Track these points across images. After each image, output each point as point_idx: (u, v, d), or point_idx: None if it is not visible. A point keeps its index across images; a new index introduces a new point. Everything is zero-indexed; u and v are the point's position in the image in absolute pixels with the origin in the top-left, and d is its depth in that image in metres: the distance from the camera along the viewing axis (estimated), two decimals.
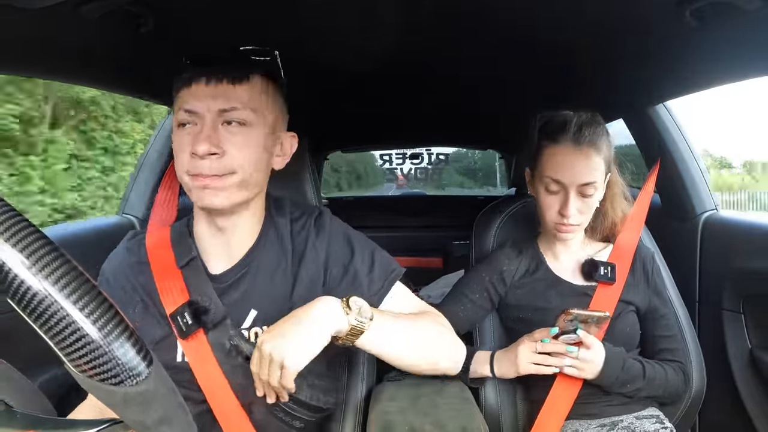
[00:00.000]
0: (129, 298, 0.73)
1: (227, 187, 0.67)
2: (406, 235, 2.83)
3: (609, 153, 0.93)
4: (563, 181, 0.90)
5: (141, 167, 1.32)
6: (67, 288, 0.27)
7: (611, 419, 0.92)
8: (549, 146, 0.93)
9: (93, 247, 1.17)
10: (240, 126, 0.67)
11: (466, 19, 0.82)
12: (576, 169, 0.89)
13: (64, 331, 0.27)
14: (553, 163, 0.91)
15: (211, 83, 0.67)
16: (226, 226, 0.73)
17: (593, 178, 0.90)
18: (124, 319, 0.29)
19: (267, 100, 0.71)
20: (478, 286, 1.02)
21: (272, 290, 0.74)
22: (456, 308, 1.01)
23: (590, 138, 0.90)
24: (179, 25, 0.77)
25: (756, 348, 1.07)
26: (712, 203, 1.25)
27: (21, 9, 0.57)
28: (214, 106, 0.66)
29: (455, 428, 0.70)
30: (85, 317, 0.27)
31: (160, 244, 0.76)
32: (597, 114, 0.94)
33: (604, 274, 0.96)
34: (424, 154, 2.94)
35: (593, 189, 0.90)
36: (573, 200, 0.90)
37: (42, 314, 0.27)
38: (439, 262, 2.77)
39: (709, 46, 0.84)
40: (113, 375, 0.29)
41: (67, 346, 0.27)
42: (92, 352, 0.28)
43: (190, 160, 0.66)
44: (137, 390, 0.30)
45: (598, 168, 0.90)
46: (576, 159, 0.90)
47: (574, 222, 0.92)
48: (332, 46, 0.93)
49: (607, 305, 0.94)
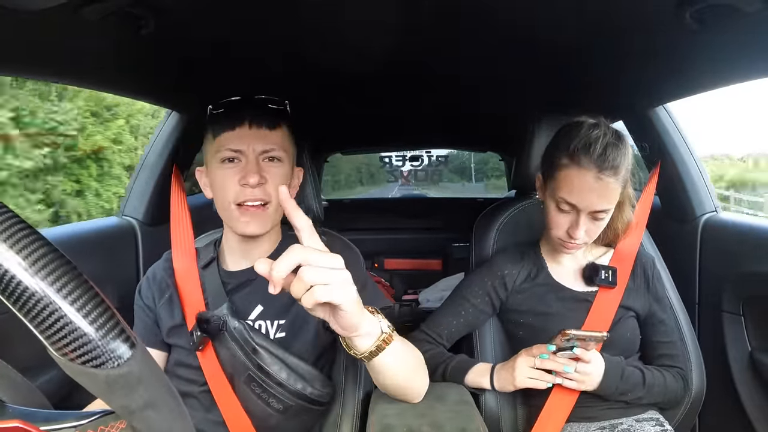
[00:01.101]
0: (162, 292, 0.90)
1: (267, 215, 0.82)
2: (406, 237, 2.83)
3: (627, 172, 0.89)
4: (578, 206, 0.87)
5: (141, 168, 1.31)
6: (45, 269, 0.27)
7: (611, 422, 0.92)
8: (567, 166, 0.87)
9: (93, 247, 1.18)
10: (276, 162, 0.83)
11: (466, 19, 0.82)
12: (593, 197, 0.85)
13: (42, 312, 0.27)
14: (569, 185, 0.87)
15: (253, 128, 0.81)
16: (251, 242, 0.87)
17: (609, 205, 0.87)
18: (104, 301, 0.29)
19: (290, 143, 0.87)
20: (480, 290, 1.01)
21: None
22: (457, 312, 1.01)
23: (613, 163, 0.84)
24: (180, 27, 0.77)
25: (756, 350, 1.07)
26: (712, 205, 1.25)
27: (21, 11, 0.57)
28: (257, 147, 0.81)
29: (453, 429, 0.70)
30: (62, 298, 0.27)
31: (184, 256, 0.92)
32: (621, 133, 0.88)
33: (605, 278, 0.96)
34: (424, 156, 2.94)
35: (606, 214, 0.88)
36: (583, 223, 0.88)
37: (19, 297, 0.26)
38: (438, 265, 2.77)
39: (709, 48, 0.84)
40: (94, 357, 0.28)
41: (47, 328, 0.27)
42: (71, 333, 0.27)
43: (240, 189, 0.80)
44: (119, 372, 0.29)
45: (615, 193, 0.87)
46: (594, 186, 0.85)
47: (581, 242, 0.90)
48: (332, 47, 0.93)
49: (608, 310, 0.94)
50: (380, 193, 8.38)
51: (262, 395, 0.79)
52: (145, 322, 0.89)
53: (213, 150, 0.83)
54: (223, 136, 0.81)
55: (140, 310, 0.91)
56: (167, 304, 0.88)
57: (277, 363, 0.79)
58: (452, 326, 1.01)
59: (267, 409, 0.80)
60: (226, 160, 0.81)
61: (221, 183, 0.81)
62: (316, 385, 0.81)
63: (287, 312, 0.85)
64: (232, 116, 0.82)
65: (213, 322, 0.81)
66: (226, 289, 0.87)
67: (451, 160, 5.99)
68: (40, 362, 0.98)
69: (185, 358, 0.85)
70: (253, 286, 0.87)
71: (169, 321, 0.87)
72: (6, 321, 0.71)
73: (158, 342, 0.88)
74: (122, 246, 1.24)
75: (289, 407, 0.80)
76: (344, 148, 2.97)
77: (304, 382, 0.80)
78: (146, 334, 0.89)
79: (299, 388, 0.80)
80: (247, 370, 0.79)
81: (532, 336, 0.96)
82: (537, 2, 0.75)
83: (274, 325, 0.85)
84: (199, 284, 0.88)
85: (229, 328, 0.80)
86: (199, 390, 0.84)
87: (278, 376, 0.79)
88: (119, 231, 1.25)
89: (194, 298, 0.87)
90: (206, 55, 0.92)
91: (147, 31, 0.73)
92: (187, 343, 0.85)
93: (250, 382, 0.79)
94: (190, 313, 0.86)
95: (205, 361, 0.83)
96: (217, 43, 0.86)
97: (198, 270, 0.90)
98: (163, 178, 1.27)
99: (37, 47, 0.75)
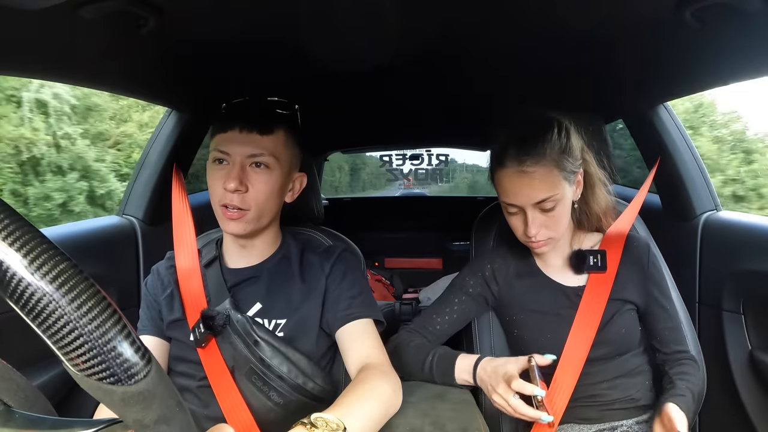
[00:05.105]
0: (164, 287, 0.91)
1: (245, 220, 0.83)
2: (406, 236, 2.84)
3: (571, 156, 0.87)
4: (517, 204, 0.87)
5: (141, 167, 1.31)
6: (65, 286, 0.27)
7: (611, 424, 0.92)
8: (496, 170, 0.89)
9: (93, 247, 1.18)
10: (263, 168, 0.83)
11: (467, 19, 0.82)
12: (524, 191, 0.85)
13: (62, 329, 0.27)
14: (501, 187, 0.89)
15: (243, 132, 0.82)
16: (246, 244, 0.90)
17: (547, 194, 0.85)
18: (121, 318, 0.29)
19: (286, 149, 0.86)
20: (469, 285, 1.01)
21: (277, 293, 0.89)
22: (446, 307, 1.00)
23: (534, 154, 0.84)
24: (179, 25, 0.77)
25: (756, 349, 1.07)
26: (712, 203, 1.25)
27: (20, 10, 0.57)
28: (244, 152, 0.82)
29: (455, 429, 0.70)
30: (82, 315, 0.27)
31: (187, 255, 0.94)
32: (549, 118, 0.88)
33: (593, 264, 0.94)
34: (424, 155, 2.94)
35: (552, 202, 0.86)
36: (534, 219, 0.87)
37: (40, 313, 0.27)
38: (438, 263, 2.78)
39: (709, 47, 0.84)
40: (111, 374, 0.29)
41: (66, 345, 0.27)
42: (90, 351, 0.28)
43: (223, 192, 0.81)
44: (135, 389, 0.30)
45: (551, 180, 0.85)
46: (521, 181, 0.85)
47: (542, 238, 0.89)
48: (333, 47, 0.93)
49: (599, 305, 0.92)
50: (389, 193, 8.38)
51: (263, 388, 0.80)
52: (151, 313, 0.91)
53: (210, 149, 0.85)
54: (217, 137, 0.84)
55: (147, 301, 0.92)
56: (168, 299, 0.90)
57: (278, 356, 0.80)
58: (444, 322, 0.99)
59: (267, 403, 0.80)
60: (216, 160, 0.84)
61: (211, 182, 0.84)
62: (317, 381, 0.82)
63: (287, 313, 0.86)
64: (225, 119, 0.84)
65: (218, 319, 0.82)
66: (226, 286, 0.88)
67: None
68: (40, 362, 0.99)
69: (184, 353, 0.86)
70: (253, 284, 0.89)
71: (169, 315, 0.88)
72: (6, 321, 0.71)
73: (163, 333, 0.89)
74: (123, 245, 1.24)
75: (290, 402, 0.80)
76: (344, 147, 2.96)
77: (305, 377, 0.81)
78: (152, 324, 0.90)
79: (300, 383, 0.80)
80: (248, 363, 0.80)
81: (527, 335, 0.96)
82: (538, 4, 0.75)
83: (272, 324, 0.86)
84: (202, 282, 0.89)
85: (232, 322, 0.82)
86: (197, 385, 0.85)
87: (279, 370, 0.80)
88: (120, 230, 1.25)
89: (196, 295, 0.88)
90: (206, 53, 0.91)
91: (146, 30, 0.73)
92: (186, 338, 0.86)
93: (251, 375, 0.80)
94: (191, 309, 0.86)
95: (206, 355, 0.83)
96: (217, 41, 0.86)
97: (200, 268, 0.91)
98: (164, 177, 1.27)
99: (36, 46, 0.75)
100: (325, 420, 0.61)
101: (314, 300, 0.87)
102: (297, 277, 0.89)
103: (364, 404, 0.68)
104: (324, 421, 0.61)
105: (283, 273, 0.90)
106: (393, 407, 0.74)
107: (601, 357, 0.92)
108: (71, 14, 0.64)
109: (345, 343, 0.85)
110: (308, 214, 1.08)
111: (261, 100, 0.87)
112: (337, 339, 0.86)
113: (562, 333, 0.92)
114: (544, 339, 0.94)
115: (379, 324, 0.89)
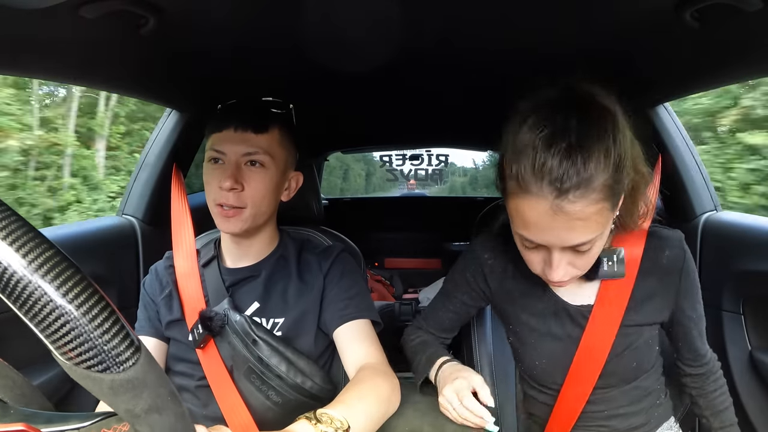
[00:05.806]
0: (163, 287, 0.91)
1: (241, 218, 0.83)
2: (406, 236, 2.84)
3: (624, 170, 0.61)
4: (542, 243, 0.65)
5: (141, 167, 1.31)
6: (51, 272, 0.27)
7: None
8: (516, 194, 0.62)
9: (93, 247, 1.18)
10: (259, 167, 0.83)
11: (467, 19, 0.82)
12: (557, 233, 0.61)
13: (48, 316, 0.27)
14: (522, 219, 0.63)
15: (238, 131, 0.82)
16: (242, 243, 0.91)
17: (588, 237, 0.62)
18: (109, 305, 0.29)
19: (281, 148, 0.86)
20: (462, 280, 0.91)
21: (274, 292, 0.89)
22: (446, 303, 0.93)
23: (579, 176, 0.57)
24: (179, 25, 0.77)
25: (756, 350, 1.07)
26: (712, 204, 1.25)
27: (20, 10, 0.57)
28: (239, 150, 0.82)
29: (454, 429, 0.70)
30: (68, 301, 0.27)
31: (185, 255, 0.93)
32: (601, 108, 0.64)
33: (608, 269, 0.74)
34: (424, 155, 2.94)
35: (590, 245, 0.64)
36: (561, 260, 0.66)
37: (26, 300, 0.26)
38: (438, 263, 2.78)
39: (709, 47, 0.84)
40: (99, 362, 0.29)
41: (53, 332, 0.27)
42: (77, 338, 0.28)
43: (218, 191, 0.82)
44: (124, 377, 0.29)
45: (598, 220, 0.61)
46: (555, 218, 0.59)
47: (567, 278, 0.69)
48: (333, 47, 0.93)
49: (609, 327, 0.77)
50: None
51: (261, 387, 0.80)
52: (149, 313, 0.91)
53: (206, 149, 0.86)
54: (212, 137, 0.85)
55: (145, 301, 0.92)
56: (167, 299, 0.90)
57: (277, 356, 0.80)
58: (444, 318, 0.93)
59: (266, 402, 0.80)
60: (212, 160, 0.84)
61: (207, 181, 0.85)
62: (315, 380, 0.82)
63: (284, 312, 0.87)
64: (220, 118, 0.85)
65: (216, 320, 0.82)
66: (224, 286, 0.89)
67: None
68: (40, 362, 0.98)
69: (183, 353, 0.86)
70: (251, 284, 0.89)
71: (167, 315, 0.88)
72: (5, 321, 0.71)
73: (161, 333, 0.89)
74: (122, 245, 1.24)
75: (288, 401, 0.80)
76: (344, 147, 2.96)
77: (303, 377, 0.81)
78: (150, 325, 0.90)
79: (298, 382, 0.80)
80: (247, 362, 0.80)
81: (521, 348, 0.87)
82: (538, 4, 0.75)
83: (270, 323, 0.86)
84: (200, 282, 0.89)
85: (231, 322, 0.82)
86: (195, 384, 0.85)
87: (278, 369, 0.80)
88: (119, 230, 1.25)
89: (195, 295, 0.88)
90: (206, 53, 0.91)
91: (147, 30, 0.73)
92: (185, 338, 0.86)
93: (249, 374, 0.81)
94: (190, 309, 0.87)
95: (205, 355, 0.83)
96: (216, 41, 0.86)
97: (199, 268, 0.91)
98: (163, 177, 1.27)
99: (36, 46, 0.75)
100: (330, 416, 0.61)
101: (312, 299, 0.87)
102: (294, 276, 0.89)
103: (364, 403, 0.68)
104: (329, 417, 0.61)
105: (280, 272, 0.90)
106: (392, 407, 0.75)
107: (602, 386, 0.82)
108: (71, 14, 0.64)
109: (343, 343, 0.85)
110: (308, 214, 1.08)
111: (255, 99, 0.88)
112: (335, 339, 0.86)
113: (561, 363, 0.81)
114: (541, 365, 0.84)
115: (377, 325, 0.89)
